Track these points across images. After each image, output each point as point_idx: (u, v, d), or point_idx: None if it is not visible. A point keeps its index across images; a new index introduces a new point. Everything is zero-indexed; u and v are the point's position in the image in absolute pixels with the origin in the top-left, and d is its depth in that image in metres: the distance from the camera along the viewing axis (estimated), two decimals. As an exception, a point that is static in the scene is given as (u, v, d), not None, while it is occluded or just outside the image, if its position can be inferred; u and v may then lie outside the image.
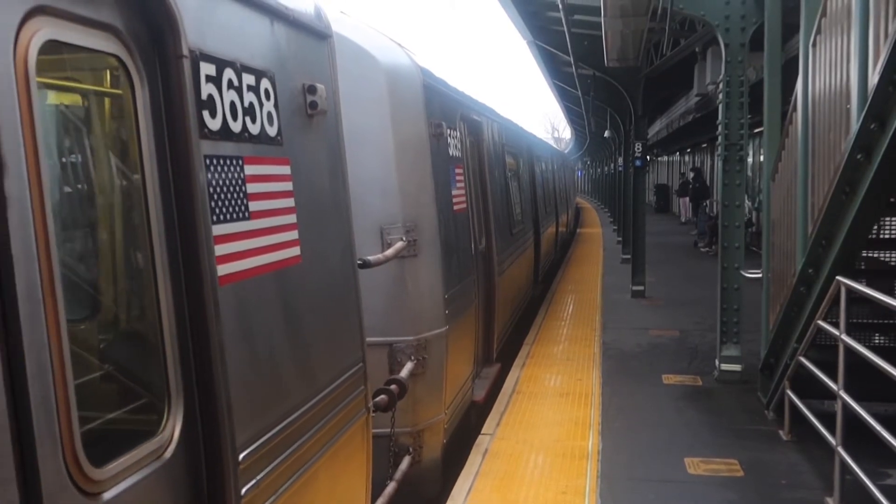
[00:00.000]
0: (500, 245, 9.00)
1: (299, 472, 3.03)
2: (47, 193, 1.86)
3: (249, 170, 2.77)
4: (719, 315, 8.48)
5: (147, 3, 2.26)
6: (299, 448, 3.03)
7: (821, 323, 5.66)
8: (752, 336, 8.55)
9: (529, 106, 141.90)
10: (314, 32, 3.51)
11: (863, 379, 5.09)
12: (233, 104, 2.69)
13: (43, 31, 1.89)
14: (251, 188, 2.78)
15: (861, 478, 4.68)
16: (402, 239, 5.46)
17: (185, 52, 2.35)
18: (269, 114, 2.95)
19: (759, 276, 7.86)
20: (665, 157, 44.47)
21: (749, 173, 21.13)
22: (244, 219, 2.73)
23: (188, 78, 2.36)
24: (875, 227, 5.92)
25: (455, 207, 6.78)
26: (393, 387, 4.92)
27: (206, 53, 2.52)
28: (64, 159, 2.20)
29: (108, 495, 1.97)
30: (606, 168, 40.03)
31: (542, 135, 55.02)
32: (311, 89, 3.34)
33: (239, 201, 2.70)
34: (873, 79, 4.44)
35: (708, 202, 24.14)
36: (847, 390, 5.00)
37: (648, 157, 31.34)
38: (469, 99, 8.37)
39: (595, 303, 13.32)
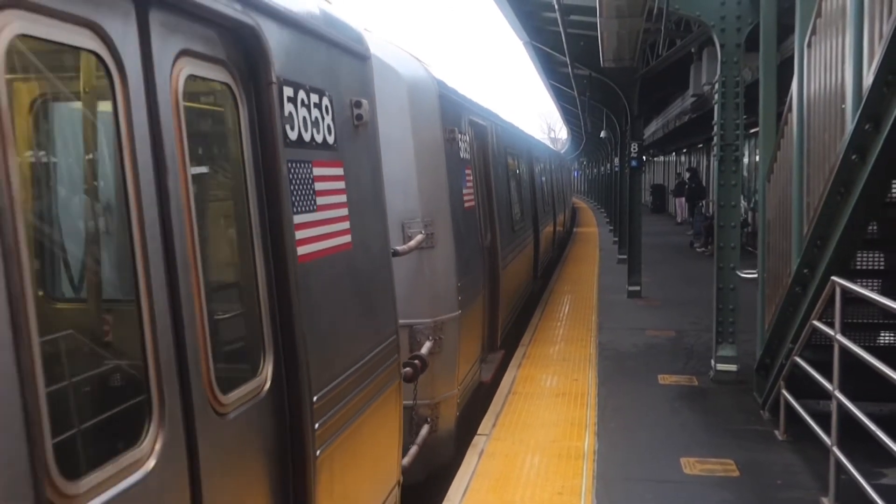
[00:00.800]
0: (503, 241, 9.58)
1: (353, 419, 3.68)
2: (191, 189, 2.48)
3: (316, 171, 3.47)
4: (715, 315, 8.49)
5: (247, 42, 2.90)
6: (353, 398, 3.69)
7: (816, 323, 5.67)
8: (747, 336, 8.56)
9: (526, 106, 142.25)
10: (358, 55, 4.15)
11: (858, 379, 5.10)
12: (304, 119, 3.37)
13: (186, 68, 2.54)
14: (317, 186, 3.46)
15: (856, 477, 4.69)
16: (421, 232, 6.15)
17: (274, 79, 3.00)
18: (329, 126, 3.66)
19: (755, 276, 7.88)
20: (661, 158, 44.52)
21: (745, 173, 21.17)
22: (313, 210, 3.39)
23: (276, 99, 3.01)
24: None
25: (465, 205, 7.38)
26: (416, 361, 5.59)
27: (286, 79, 3.17)
28: (197, 164, 2.77)
29: (230, 416, 2.65)
30: (602, 168, 40.09)
31: (539, 135, 55.00)
32: (357, 104, 4.02)
33: (310, 196, 3.38)
34: (868, 79, 4.45)
35: (704, 202, 24.16)
36: (842, 390, 5.01)
37: (644, 158, 31.35)
38: (475, 104, 8.89)
39: (591, 303, 13.33)
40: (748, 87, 8.86)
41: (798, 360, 6.10)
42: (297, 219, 3.18)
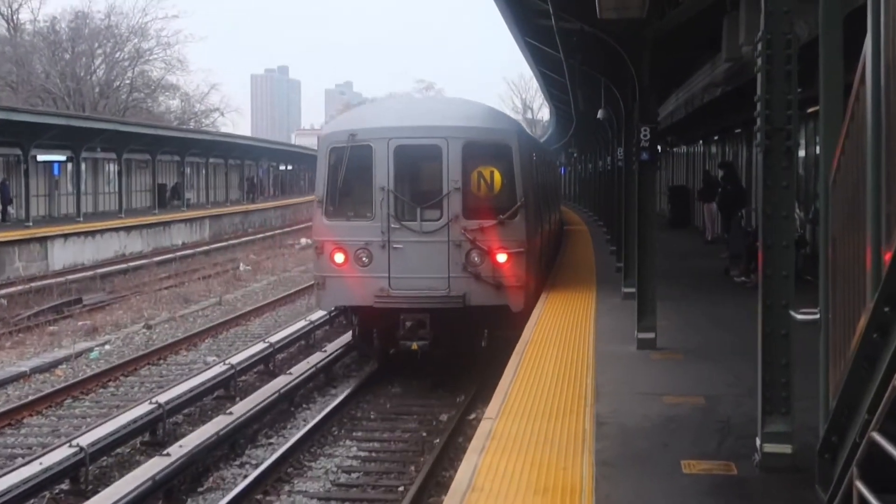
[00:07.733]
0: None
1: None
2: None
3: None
4: (761, 374, 8.55)
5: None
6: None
7: (903, 384, 5.73)
8: (807, 403, 8.62)
9: (487, 70, 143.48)
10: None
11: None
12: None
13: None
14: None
15: None
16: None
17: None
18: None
19: (816, 317, 7.95)
20: (683, 148, 45.31)
21: (801, 171, 21.60)
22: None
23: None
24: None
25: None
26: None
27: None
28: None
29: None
30: (600, 163, 40.56)
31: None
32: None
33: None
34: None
35: (744, 212, 24.62)
36: (941, 481, 5.05)
37: (660, 148, 31.82)
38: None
39: (585, 356, 13.38)
40: (804, 49, 9.01)
41: (877, 437, 6.14)
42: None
